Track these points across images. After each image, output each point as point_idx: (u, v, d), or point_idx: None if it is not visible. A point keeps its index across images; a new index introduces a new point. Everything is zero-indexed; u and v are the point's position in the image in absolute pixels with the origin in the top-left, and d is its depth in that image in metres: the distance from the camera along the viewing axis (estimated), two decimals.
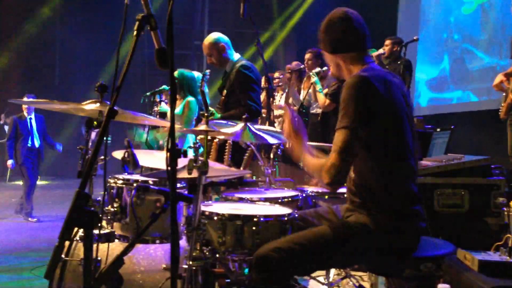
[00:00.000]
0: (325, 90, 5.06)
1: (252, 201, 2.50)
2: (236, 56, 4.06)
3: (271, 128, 3.35)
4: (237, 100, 3.90)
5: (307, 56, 5.50)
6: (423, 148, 4.27)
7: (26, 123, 7.16)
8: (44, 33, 12.26)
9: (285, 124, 2.17)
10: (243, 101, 3.82)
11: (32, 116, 7.22)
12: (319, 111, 5.41)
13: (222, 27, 11.15)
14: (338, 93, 3.97)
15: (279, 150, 2.90)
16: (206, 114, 2.24)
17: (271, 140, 2.60)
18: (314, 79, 5.05)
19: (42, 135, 7.29)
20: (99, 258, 2.06)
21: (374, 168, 1.98)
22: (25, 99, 6.27)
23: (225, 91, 4.00)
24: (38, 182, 7.61)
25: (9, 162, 7.15)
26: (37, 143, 7.18)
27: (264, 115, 4.54)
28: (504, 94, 4.44)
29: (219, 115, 3.90)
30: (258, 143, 3.02)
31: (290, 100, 6.18)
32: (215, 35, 4.06)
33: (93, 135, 2.53)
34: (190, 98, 4.51)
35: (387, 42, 5.80)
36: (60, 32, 12.81)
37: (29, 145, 7.08)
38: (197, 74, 4.77)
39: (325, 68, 4.98)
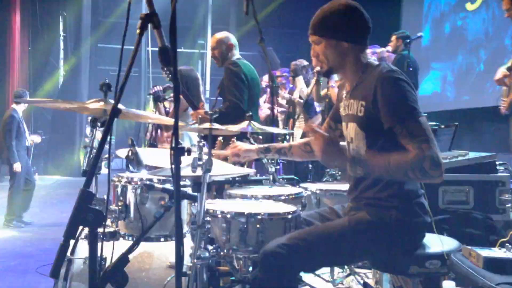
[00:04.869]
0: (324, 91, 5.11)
1: (256, 198, 2.50)
2: (236, 57, 4.02)
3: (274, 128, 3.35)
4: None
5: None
6: None
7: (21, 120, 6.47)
8: None
9: None
10: (227, 97, 3.82)
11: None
12: (318, 108, 5.58)
13: (225, 25, 11.16)
14: None
15: None
16: (210, 112, 2.24)
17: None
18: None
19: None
20: (104, 257, 2.06)
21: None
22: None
23: (219, 89, 4.03)
24: (41, 182, 7.48)
25: (16, 166, 6.22)
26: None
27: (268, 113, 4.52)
28: (504, 88, 4.38)
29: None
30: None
31: (296, 94, 6.19)
32: (227, 33, 4.09)
33: (98, 133, 2.53)
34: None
35: (393, 37, 5.76)
36: None
37: (26, 144, 6.47)
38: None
39: None
